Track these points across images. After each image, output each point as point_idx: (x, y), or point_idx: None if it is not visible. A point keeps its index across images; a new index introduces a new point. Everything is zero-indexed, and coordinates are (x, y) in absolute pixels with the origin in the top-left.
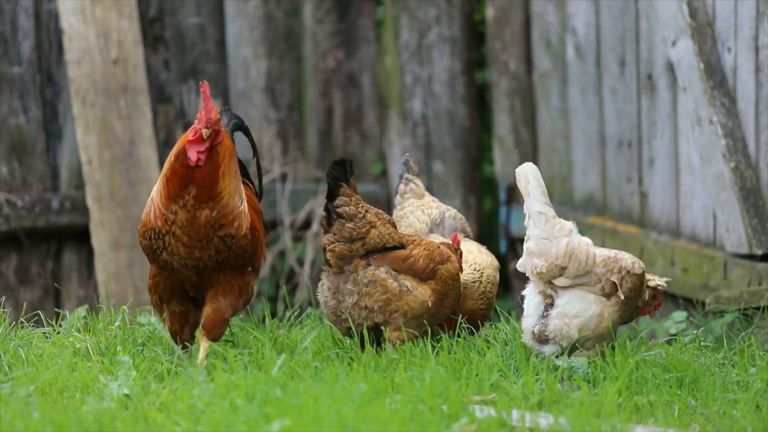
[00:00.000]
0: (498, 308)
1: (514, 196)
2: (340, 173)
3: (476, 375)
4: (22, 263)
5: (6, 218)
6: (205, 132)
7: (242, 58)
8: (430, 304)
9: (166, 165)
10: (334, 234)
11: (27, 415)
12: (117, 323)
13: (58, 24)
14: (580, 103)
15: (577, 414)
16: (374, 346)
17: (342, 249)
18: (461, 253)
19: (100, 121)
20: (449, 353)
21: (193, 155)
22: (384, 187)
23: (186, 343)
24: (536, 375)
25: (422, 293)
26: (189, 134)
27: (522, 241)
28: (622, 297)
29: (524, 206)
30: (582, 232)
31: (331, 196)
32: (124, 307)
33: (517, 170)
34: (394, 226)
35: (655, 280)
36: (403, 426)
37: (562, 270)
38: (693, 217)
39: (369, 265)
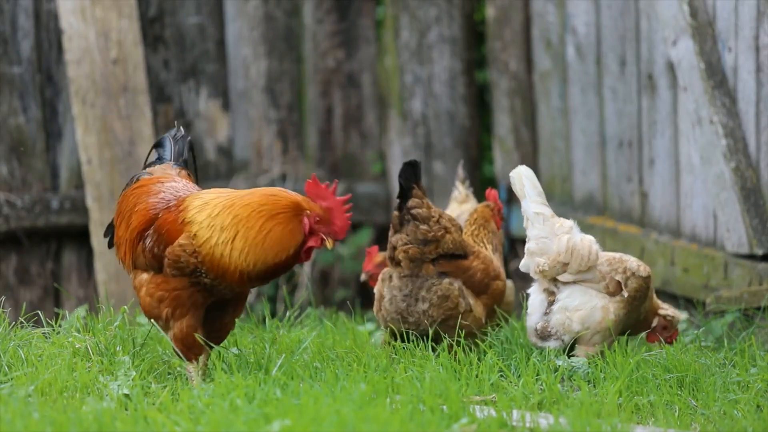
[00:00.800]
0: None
1: (514, 195)
2: (411, 174)
3: (476, 375)
4: (21, 263)
5: (6, 218)
6: (329, 244)
7: (242, 58)
8: (483, 321)
9: (275, 248)
10: (408, 235)
11: (27, 415)
12: (117, 323)
13: (57, 24)
14: (581, 103)
15: (578, 414)
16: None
17: (415, 251)
18: (499, 209)
19: (99, 121)
20: (449, 353)
21: (308, 257)
22: (384, 187)
23: (200, 356)
24: (536, 375)
25: (478, 311)
26: (314, 240)
27: (522, 241)
28: (626, 295)
29: (521, 208)
30: (582, 232)
31: (404, 196)
32: (125, 307)
33: (511, 174)
34: (461, 232)
35: (669, 311)
36: (403, 426)
37: (564, 266)
38: (693, 217)
39: (436, 270)
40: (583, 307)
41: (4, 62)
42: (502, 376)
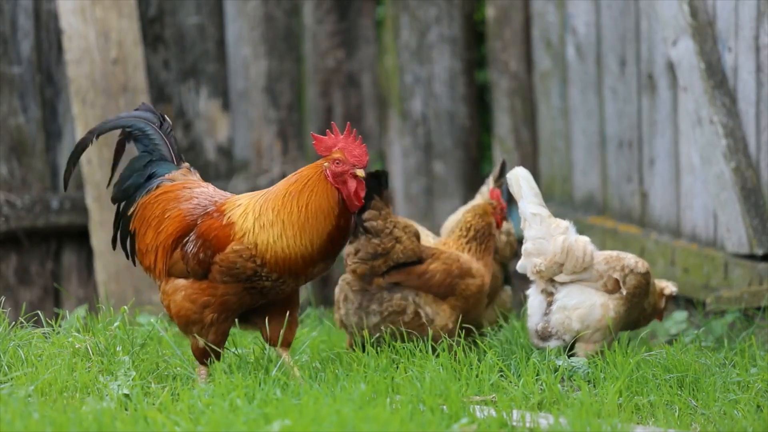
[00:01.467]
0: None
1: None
2: (374, 185)
3: (476, 375)
4: (21, 263)
5: (6, 218)
6: (360, 173)
7: (242, 58)
8: (450, 326)
9: (320, 218)
10: (358, 250)
11: (27, 415)
12: (116, 323)
13: (57, 24)
14: (581, 103)
15: (578, 414)
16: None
17: (363, 269)
18: (502, 208)
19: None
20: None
21: (359, 201)
22: None
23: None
24: (536, 375)
25: (442, 318)
26: (350, 182)
27: (522, 241)
28: (625, 292)
29: (519, 209)
30: (582, 232)
31: (362, 208)
32: (125, 307)
33: (508, 175)
34: (418, 238)
35: (671, 287)
36: (403, 426)
37: (560, 267)
38: (693, 217)
39: (386, 281)
40: (582, 306)
41: (4, 62)
42: (502, 376)
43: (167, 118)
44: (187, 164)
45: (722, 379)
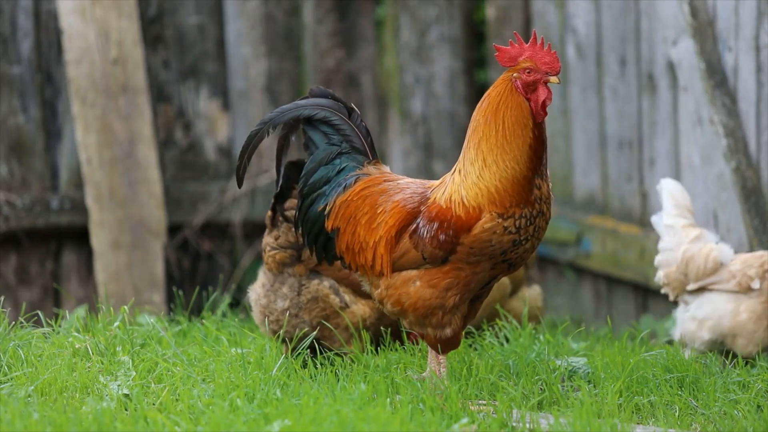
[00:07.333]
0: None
1: None
2: (294, 174)
3: (476, 375)
4: (21, 263)
5: (5, 218)
6: (554, 80)
7: (242, 57)
8: (367, 323)
9: (517, 131)
10: (277, 238)
11: (26, 415)
12: (116, 323)
13: (57, 24)
14: (581, 103)
15: (578, 414)
16: (307, 351)
17: (283, 256)
18: None
19: (99, 120)
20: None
21: (544, 111)
22: None
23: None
24: (536, 375)
25: (360, 309)
26: (540, 90)
27: None
28: (758, 286)
29: (652, 219)
30: (583, 232)
31: (281, 197)
32: (125, 307)
33: (657, 186)
34: None
35: None
36: (403, 426)
37: (685, 276)
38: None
39: (307, 269)
40: (711, 317)
41: (4, 62)
42: (501, 377)
43: (355, 107)
44: (377, 159)
45: (722, 379)
